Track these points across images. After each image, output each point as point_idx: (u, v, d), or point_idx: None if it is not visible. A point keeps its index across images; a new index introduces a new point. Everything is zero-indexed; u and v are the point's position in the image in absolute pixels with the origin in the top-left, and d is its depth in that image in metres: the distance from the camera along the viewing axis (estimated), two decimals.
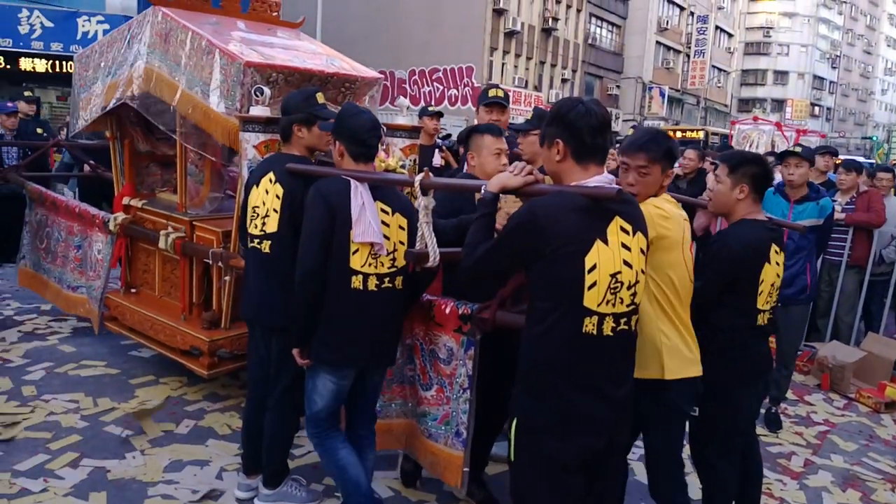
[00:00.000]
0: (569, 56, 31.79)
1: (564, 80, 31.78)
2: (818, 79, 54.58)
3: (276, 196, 2.88)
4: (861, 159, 11.11)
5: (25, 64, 14.65)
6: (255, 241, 2.93)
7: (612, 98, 34.76)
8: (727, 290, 2.71)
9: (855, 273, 5.92)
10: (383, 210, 2.68)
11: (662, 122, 31.73)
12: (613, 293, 1.98)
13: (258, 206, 2.92)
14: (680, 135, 18.28)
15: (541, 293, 2.02)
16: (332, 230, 2.58)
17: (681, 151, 6.86)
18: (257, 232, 2.92)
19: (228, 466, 3.47)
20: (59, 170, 7.75)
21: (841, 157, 7.72)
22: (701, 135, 22.83)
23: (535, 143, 3.07)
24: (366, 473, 2.86)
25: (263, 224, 2.90)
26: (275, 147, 3.32)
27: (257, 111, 3.35)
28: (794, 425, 4.65)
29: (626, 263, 2.00)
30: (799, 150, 4.63)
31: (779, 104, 49.89)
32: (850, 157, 8.14)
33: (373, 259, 2.64)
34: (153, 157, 4.92)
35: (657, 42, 36.96)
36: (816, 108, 53.31)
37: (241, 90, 3.41)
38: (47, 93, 15.52)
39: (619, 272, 1.98)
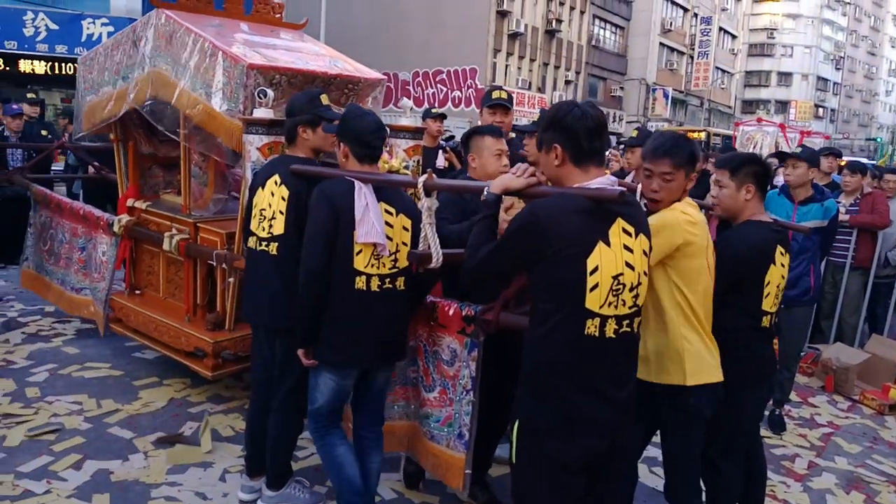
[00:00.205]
0: (572, 58, 31.80)
1: (568, 82, 31.78)
2: (822, 80, 54.53)
3: (282, 198, 2.88)
4: (865, 161, 11.08)
5: (30, 66, 14.72)
6: (262, 243, 2.93)
7: (615, 99, 34.75)
8: (732, 291, 2.70)
9: (859, 275, 5.90)
10: (387, 211, 2.69)
11: (666, 124, 31.67)
12: (615, 295, 1.98)
13: (264, 209, 2.93)
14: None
15: (543, 295, 2.02)
16: (335, 231, 2.58)
17: None
18: (264, 234, 2.92)
19: (232, 468, 3.47)
20: (64, 172, 7.78)
21: (845, 159, 7.70)
22: (702, 135, 22.81)
23: None
24: (363, 473, 2.86)
25: (270, 226, 2.90)
26: (278, 149, 3.33)
27: (261, 113, 3.36)
28: (798, 427, 4.63)
29: (629, 265, 2.00)
30: (798, 150, 4.63)
31: (782, 105, 49.89)
32: (855, 159, 8.12)
33: (375, 260, 2.64)
34: (156, 158, 4.93)
35: (661, 43, 36.98)
36: (820, 110, 53.27)
37: (244, 92, 3.42)
38: (51, 95, 15.59)
39: (621, 274, 1.98)
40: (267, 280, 2.94)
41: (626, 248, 2.00)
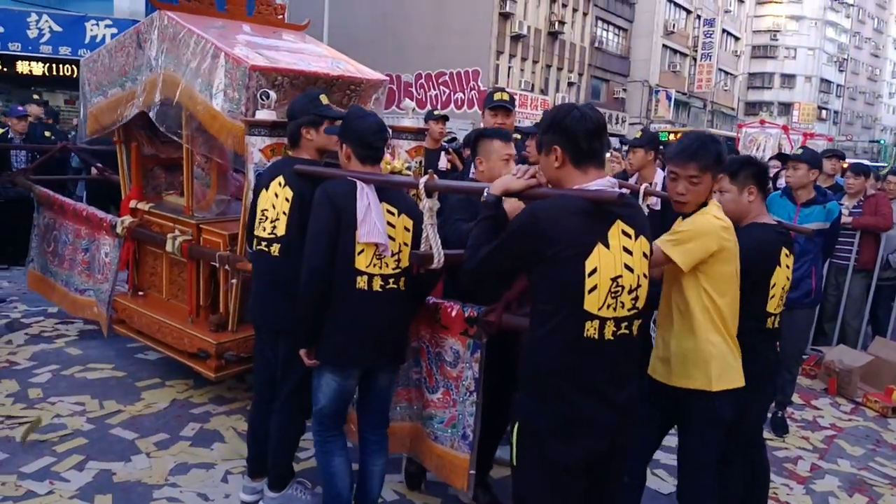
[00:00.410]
0: (575, 59, 31.81)
1: (571, 84, 31.79)
2: (825, 82, 54.47)
3: (286, 199, 2.89)
4: (868, 163, 11.06)
5: (34, 68, 14.76)
6: (264, 243, 2.93)
7: (618, 101, 34.74)
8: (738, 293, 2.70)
9: (862, 277, 5.90)
10: (389, 211, 2.69)
11: (669, 126, 31.65)
12: (614, 297, 1.98)
13: (267, 210, 2.93)
14: (680, 135, 18.36)
15: (542, 296, 2.02)
16: (337, 230, 2.59)
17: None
18: (266, 235, 2.93)
19: (234, 469, 3.47)
20: (68, 173, 7.80)
21: (848, 161, 7.68)
22: None
23: None
24: (366, 476, 2.87)
25: (273, 227, 2.91)
26: (280, 151, 3.33)
27: (263, 115, 3.36)
28: (801, 430, 4.63)
29: (628, 267, 2.00)
30: (799, 152, 4.63)
31: (786, 107, 49.84)
32: (858, 161, 8.11)
33: (377, 260, 2.64)
34: (158, 160, 4.94)
35: (664, 45, 36.96)
36: (824, 112, 53.21)
37: (246, 94, 3.42)
38: (55, 96, 15.63)
39: (620, 276, 1.98)
40: (269, 281, 2.94)
41: (626, 250, 2.01)
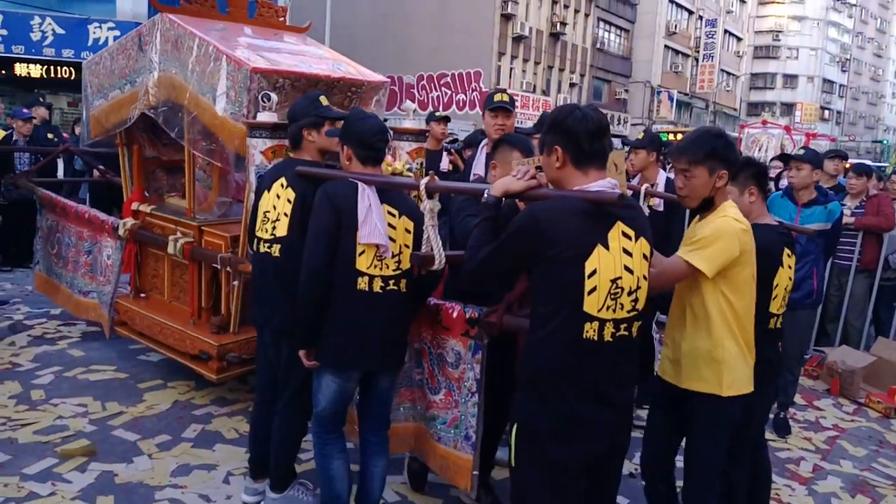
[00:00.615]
0: (577, 60, 31.79)
1: (573, 85, 31.78)
2: (828, 82, 54.35)
3: (288, 200, 2.89)
4: (870, 163, 11.04)
5: (37, 70, 14.80)
6: (266, 245, 2.94)
7: (620, 102, 34.72)
8: None
9: (864, 277, 5.89)
10: (390, 213, 2.69)
11: (671, 126, 31.62)
12: (614, 299, 1.98)
13: (269, 211, 2.94)
14: (681, 136, 18.36)
15: (542, 297, 2.03)
16: (337, 231, 2.59)
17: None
18: (268, 236, 2.93)
19: (236, 471, 3.48)
20: (71, 175, 7.83)
21: (851, 161, 7.67)
22: None
23: None
24: (367, 477, 2.88)
25: (274, 228, 2.91)
26: (282, 153, 3.34)
27: (264, 117, 3.37)
28: (803, 430, 4.62)
29: (627, 269, 2.00)
30: (801, 152, 4.62)
31: (788, 108, 49.72)
32: (860, 161, 8.09)
33: (378, 261, 2.64)
34: (160, 162, 4.95)
35: (665, 46, 36.92)
36: (826, 112, 53.10)
37: (247, 96, 3.43)
38: (58, 99, 15.66)
39: (619, 277, 1.98)
40: (270, 282, 2.94)
41: (626, 251, 2.01)
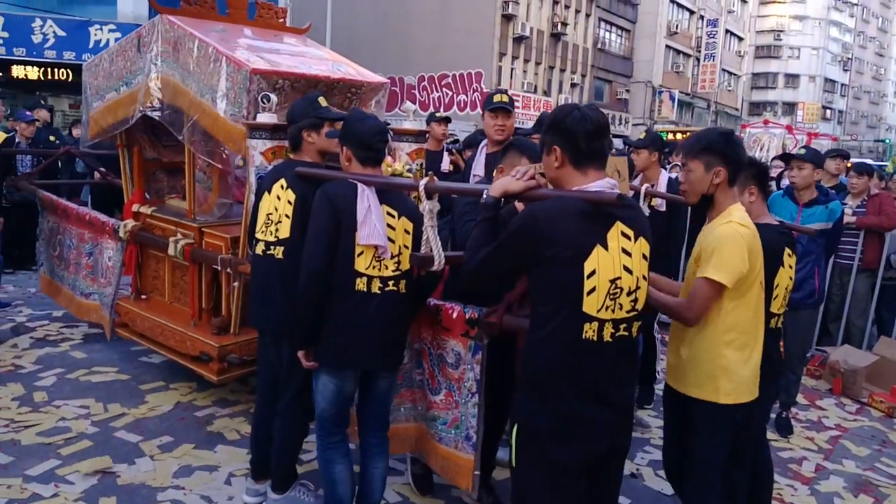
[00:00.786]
0: (578, 61, 31.79)
1: (574, 85, 31.78)
2: (830, 82, 54.27)
3: (289, 202, 2.90)
4: (872, 162, 11.01)
5: (39, 72, 14.84)
6: (268, 247, 2.94)
7: (621, 102, 34.71)
8: None
9: (866, 277, 5.88)
10: (389, 213, 2.69)
11: (672, 126, 31.60)
12: (613, 299, 1.98)
13: (271, 213, 2.94)
14: (679, 136, 18.37)
15: (541, 297, 2.02)
16: (336, 232, 2.59)
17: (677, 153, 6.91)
18: (270, 238, 2.93)
19: (237, 472, 3.48)
20: (71, 177, 7.84)
21: (852, 161, 7.66)
22: None
23: None
24: (367, 479, 2.87)
25: (276, 230, 2.91)
26: (281, 154, 3.34)
27: (264, 118, 3.37)
28: (806, 430, 4.61)
29: (627, 269, 2.00)
30: (802, 152, 4.62)
31: (790, 107, 49.65)
32: (862, 161, 8.07)
33: (377, 262, 2.64)
34: (160, 164, 4.96)
35: (667, 46, 36.91)
36: (828, 112, 53.02)
37: (247, 97, 3.43)
38: (60, 101, 15.70)
39: (618, 278, 1.98)
40: (273, 284, 2.94)
41: (625, 251, 2.00)
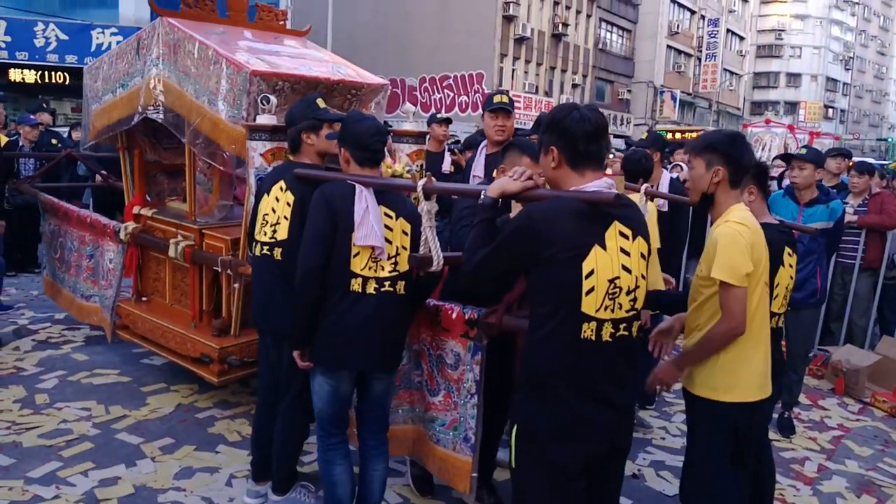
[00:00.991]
0: (579, 61, 31.79)
1: (575, 86, 31.78)
2: (831, 81, 54.19)
3: (287, 203, 2.90)
4: (874, 160, 11.01)
5: (41, 76, 14.89)
6: (266, 248, 2.94)
7: (623, 102, 34.70)
8: None
9: (868, 276, 5.86)
10: (387, 214, 2.69)
11: (674, 126, 31.57)
12: (612, 299, 1.97)
13: (268, 214, 2.94)
14: (679, 136, 18.40)
15: (540, 298, 2.02)
16: (333, 233, 2.59)
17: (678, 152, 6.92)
18: (268, 239, 2.93)
19: (238, 473, 3.48)
20: (71, 180, 7.85)
21: (854, 160, 7.65)
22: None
23: None
24: (367, 481, 2.87)
25: (274, 231, 2.92)
26: (281, 155, 3.34)
27: (264, 119, 3.37)
28: (808, 430, 4.60)
29: (625, 269, 1.99)
30: (803, 151, 4.61)
31: (792, 106, 49.59)
32: (863, 160, 8.07)
33: (373, 263, 2.64)
34: (161, 166, 4.96)
35: (668, 46, 36.89)
36: (830, 111, 52.95)
37: (247, 99, 3.43)
38: (62, 104, 15.75)
39: (617, 277, 1.97)
40: (272, 285, 2.94)
41: (623, 251, 2.00)
